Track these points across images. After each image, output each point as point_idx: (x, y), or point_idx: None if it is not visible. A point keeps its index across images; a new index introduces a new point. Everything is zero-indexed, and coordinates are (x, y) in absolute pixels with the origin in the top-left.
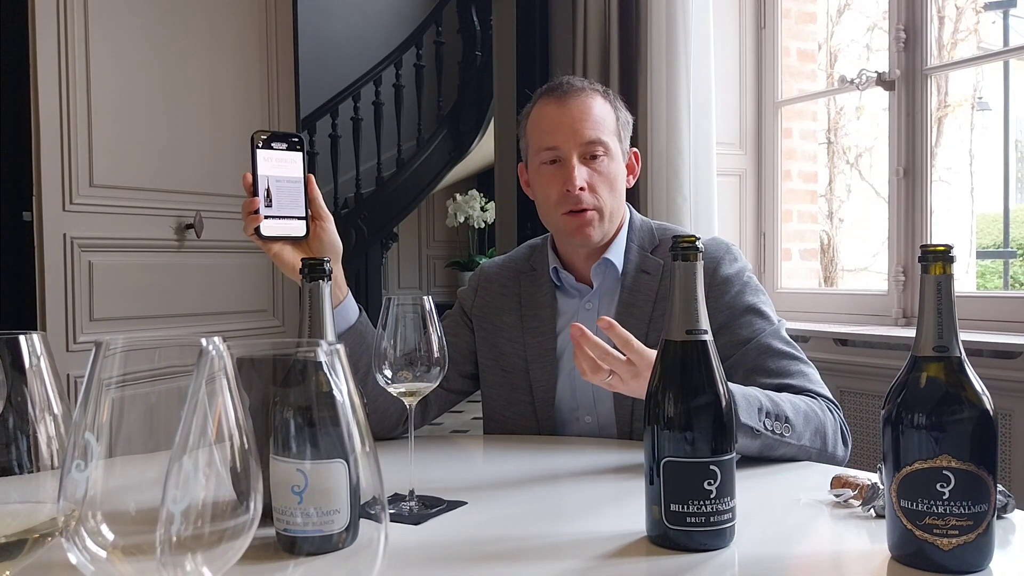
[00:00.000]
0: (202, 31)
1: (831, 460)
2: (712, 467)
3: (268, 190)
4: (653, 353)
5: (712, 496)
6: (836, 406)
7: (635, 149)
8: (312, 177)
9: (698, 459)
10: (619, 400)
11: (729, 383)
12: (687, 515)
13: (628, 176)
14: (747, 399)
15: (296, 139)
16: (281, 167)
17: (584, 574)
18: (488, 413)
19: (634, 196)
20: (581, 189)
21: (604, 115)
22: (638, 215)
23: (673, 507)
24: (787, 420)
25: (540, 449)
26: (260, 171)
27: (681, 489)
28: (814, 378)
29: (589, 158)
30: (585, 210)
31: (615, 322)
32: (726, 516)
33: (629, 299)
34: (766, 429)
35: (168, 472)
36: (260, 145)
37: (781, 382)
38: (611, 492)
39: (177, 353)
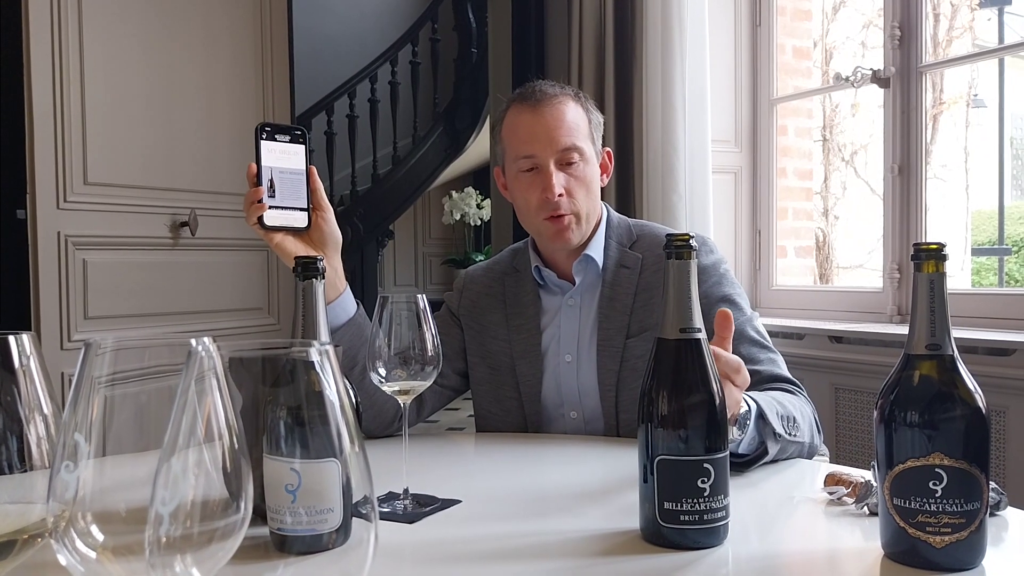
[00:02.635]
0: (196, 28)
1: (813, 452)
2: (706, 465)
3: (271, 181)
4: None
5: (706, 494)
6: (809, 402)
7: (607, 149)
8: (314, 169)
9: (692, 457)
10: (604, 394)
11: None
12: (681, 513)
13: (602, 175)
14: (770, 405)
15: (299, 131)
16: (284, 158)
17: (579, 572)
18: (478, 410)
19: (629, 194)
20: (560, 195)
21: (578, 120)
22: (615, 213)
23: (667, 505)
24: (795, 421)
25: (534, 447)
26: (264, 162)
27: (675, 487)
28: (783, 365)
29: (565, 164)
30: (563, 215)
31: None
32: (720, 514)
33: (610, 293)
34: (787, 433)
35: (157, 473)
36: (264, 136)
37: (751, 368)
38: (605, 490)
39: (167, 353)
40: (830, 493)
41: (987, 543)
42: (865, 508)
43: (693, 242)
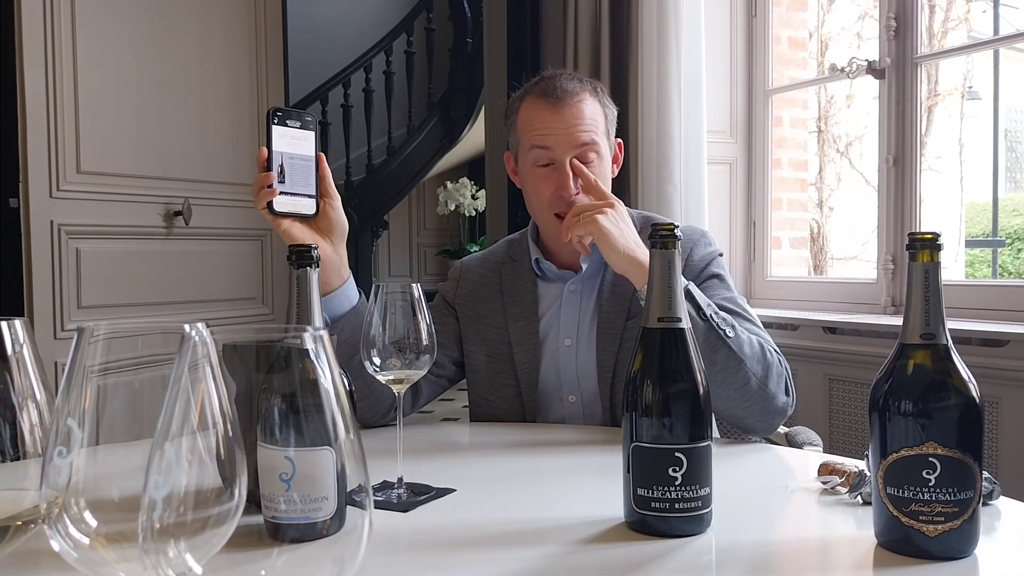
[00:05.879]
0: (190, 16)
1: (771, 402)
2: (677, 454)
3: (281, 166)
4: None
5: (678, 483)
6: (783, 358)
7: (619, 140)
8: (323, 156)
9: (662, 445)
10: (602, 376)
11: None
12: (652, 500)
13: (612, 166)
14: (702, 296)
15: (310, 118)
16: (294, 144)
17: (565, 558)
18: (474, 398)
19: (625, 185)
20: (576, 194)
21: (595, 116)
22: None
23: (640, 491)
24: (733, 327)
25: (528, 436)
26: (274, 147)
27: (647, 474)
28: (760, 329)
29: (582, 162)
30: None
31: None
32: (695, 503)
33: (613, 279)
34: (714, 316)
35: (150, 459)
36: (276, 121)
37: None
38: (595, 479)
39: (160, 340)
40: (824, 482)
41: (980, 532)
42: (859, 497)
43: (678, 232)
